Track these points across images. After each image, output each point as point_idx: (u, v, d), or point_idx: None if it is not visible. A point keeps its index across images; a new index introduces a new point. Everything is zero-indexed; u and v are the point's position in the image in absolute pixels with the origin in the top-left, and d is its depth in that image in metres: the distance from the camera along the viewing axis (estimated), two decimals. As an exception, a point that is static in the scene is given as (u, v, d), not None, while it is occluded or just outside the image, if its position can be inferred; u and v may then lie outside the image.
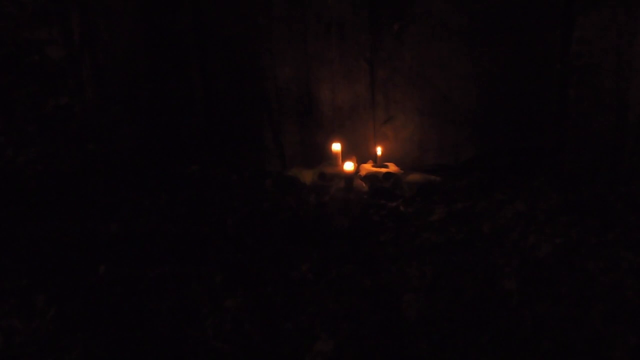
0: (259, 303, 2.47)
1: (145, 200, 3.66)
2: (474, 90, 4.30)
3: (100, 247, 3.01)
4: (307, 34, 4.47)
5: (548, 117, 4.29)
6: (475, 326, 2.26)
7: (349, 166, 3.89)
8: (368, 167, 4.32)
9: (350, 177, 3.89)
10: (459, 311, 2.38)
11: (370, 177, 4.19)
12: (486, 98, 4.30)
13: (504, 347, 2.12)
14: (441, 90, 4.35)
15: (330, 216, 3.61)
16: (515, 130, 4.34)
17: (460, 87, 4.31)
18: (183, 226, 3.41)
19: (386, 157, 4.40)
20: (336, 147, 4.31)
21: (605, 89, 4.00)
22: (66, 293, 2.53)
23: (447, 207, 3.76)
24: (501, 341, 2.16)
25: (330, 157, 4.39)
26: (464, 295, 2.53)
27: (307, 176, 4.38)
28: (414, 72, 4.35)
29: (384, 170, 4.24)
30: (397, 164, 4.37)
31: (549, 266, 2.78)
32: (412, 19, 4.22)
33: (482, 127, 4.35)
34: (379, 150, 4.36)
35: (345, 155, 4.33)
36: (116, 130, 3.93)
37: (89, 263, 2.82)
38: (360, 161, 4.41)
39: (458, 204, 3.81)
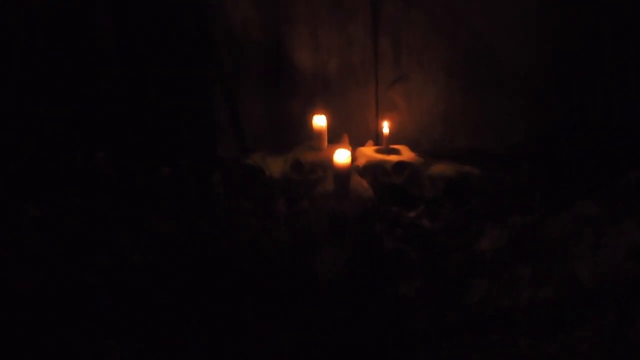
0: None
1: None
2: (531, 41, 2.85)
3: None
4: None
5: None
6: None
7: (342, 157, 2.38)
8: (369, 153, 2.86)
9: (344, 175, 2.40)
10: None
11: (373, 169, 2.73)
12: (549, 53, 2.87)
13: None
14: (482, 37, 2.88)
15: (314, 244, 2.18)
16: (589, 103, 2.94)
17: (510, 35, 2.84)
18: (56, 269, 1.93)
19: (396, 137, 2.95)
20: (319, 121, 2.82)
21: None
22: None
23: (499, 224, 2.36)
24: None
25: (311, 137, 2.91)
26: None
27: (276, 165, 2.91)
28: (440, 7, 2.86)
29: (393, 157, 2.79)
30: (412, 148, 2.93)
31: None
32: None
33: (540, 96, 2.94)
34: (385, 127, 2.89)
35: (334, 133, 2.86)
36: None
37: None
38: (356, 143, 2.94)
39: (515, 217, 2.42)
